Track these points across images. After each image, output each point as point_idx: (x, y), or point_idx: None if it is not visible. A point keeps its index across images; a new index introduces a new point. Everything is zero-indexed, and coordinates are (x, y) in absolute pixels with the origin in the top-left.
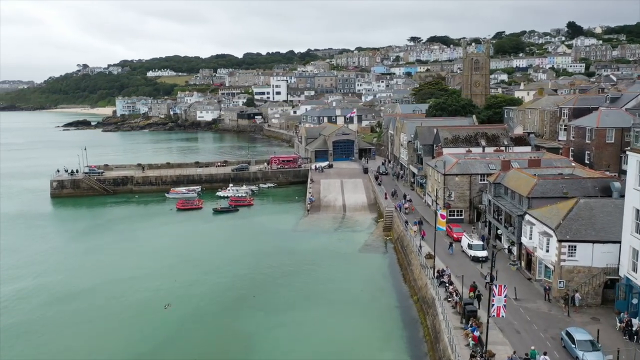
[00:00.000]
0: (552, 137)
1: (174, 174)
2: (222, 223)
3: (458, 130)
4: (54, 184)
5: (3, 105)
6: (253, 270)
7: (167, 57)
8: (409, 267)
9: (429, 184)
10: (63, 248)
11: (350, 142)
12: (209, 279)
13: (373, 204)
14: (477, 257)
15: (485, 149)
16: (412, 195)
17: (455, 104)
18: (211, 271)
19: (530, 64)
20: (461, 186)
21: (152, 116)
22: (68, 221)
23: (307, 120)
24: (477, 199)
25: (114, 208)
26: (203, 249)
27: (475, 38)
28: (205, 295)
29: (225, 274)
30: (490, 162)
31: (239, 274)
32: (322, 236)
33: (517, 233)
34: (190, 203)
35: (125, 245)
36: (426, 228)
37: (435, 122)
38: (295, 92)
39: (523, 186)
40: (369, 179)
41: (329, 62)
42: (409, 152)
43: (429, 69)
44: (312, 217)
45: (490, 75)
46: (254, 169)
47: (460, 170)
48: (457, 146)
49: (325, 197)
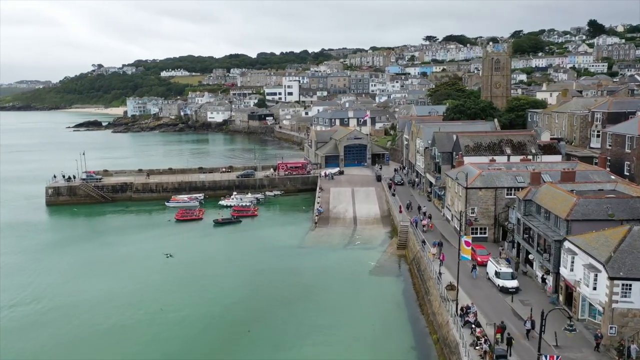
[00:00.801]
0: (582, 144)
1: (175, 180)
2: (222, 237)
3: (480, 136)
4: (50, 191)
5: (19, 105)
6: (251, 296)
7: (181, 57)
8: (427, 296)
9: (448, 196)
10: (45, 264)
11: (362, 147)
12: (200, 306)
13: (386, 216)
14: (506, 288)
15: (510, 157)
16: (429, 206)
17: (475, 106)
18: (204, 297)
19: (550, 63)
20: (485, 201)
21: (162, 117)
22: (59, 233)
23: (319, 122)
24: (502, 216)
25: (109, 218)
26: (198, 269)
27: (492, 37)
28: (194, 326)
29: (219, 299)
30: (518, 174)
31: (235, 300)
32: (330, 254)
33: (553, 261)
34: (190, 213)
35: (113, 262)
36: (446, 250)
37: (454, 127)
38: (308, 92)
39: (560, 206)
40: (382, 187)
41: (342, 62)
42: (425, 160)
43: (445, 69)
44: (319, 231)
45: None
46: (260, 175)
47: (484, 183)
48: (479, 154)
49: (334, 208)
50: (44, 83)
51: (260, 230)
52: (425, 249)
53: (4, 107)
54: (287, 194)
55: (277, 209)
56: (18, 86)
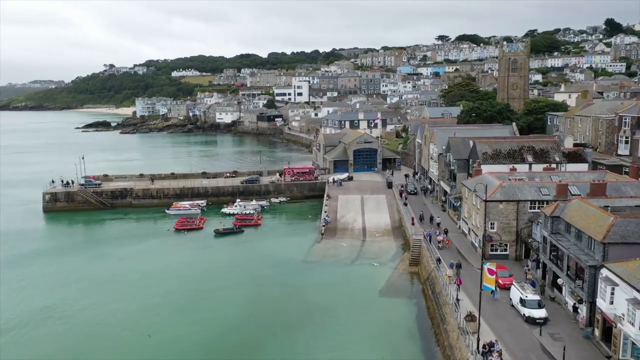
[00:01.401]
0: (608, 151)
1: (177, 186)
2: (222, 249)
3: (499, 143)
4: (47, 196)
5: (32, 104)
6: (249, 319)
7: (192, 57)
8: (443, 324)
9: (465, 207)
10: (30, 279)
11: (372, 151)
12: (192, 332)
13: (398, 227)
14: (533, 319)
15: (532, 166)
16: (443, 217)
17: (491, 109)
18: (197, 319)
19: (566, 63)
20: (506, 215)
21: (171, 117)
22: (51, 242)
23: (328, 124)
24: (525, 232)
25: (106, 227)
26: (193, 287)
27: (506, 36)
28: (183, 356)
29: (213, 323)
30: (542, 185)
31: (231, 323)
32: (337, 270)
33: (587, 289)
34: (191, 222)
35: (102, 277)
36: (464, 268)
37: (470, 132)
38: (318, 93)
39: (594, 225)
40: (393, 195)
41: (353, 62)
42: (439, 166)
43: (458, 69)
44: (326, 243)
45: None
46: (266, 180)
47: (505, 196)
48: (498, 162)
49: (342, 218)
50: (57, 83)
51: (263, 241)
52: (441, 269)
53: (16, 107)
54: (293, 201)
55: (282, 218)
56: (32, 86)
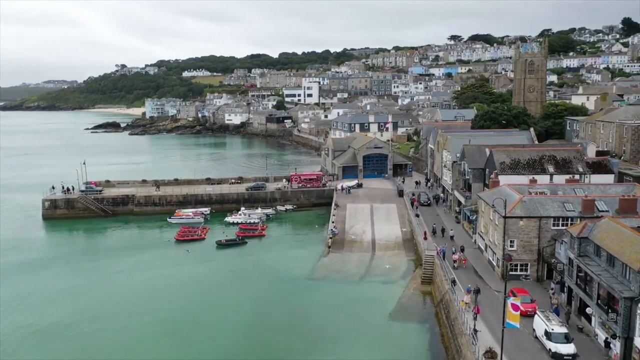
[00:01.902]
0: (634, 160)
1: (180, 192)
2: (223, 263)
3: (517, 152)
4: (46, 203)
5: (44, 105)
6: (247, 347)
7: (203, 57)
8: (459, 357)
9: (481, 221)
10: (18, 292)
11: (383, 157)
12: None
13: (409, 240)
14: (561, 355)
15: (553, 177)
16: (457, 230)
17: (507, 113)
18: (189, 349)
19: (582, 63)
20: (527, 233)
21: (180, 118)
22: (46, 252)
23: (338, 127)
24: (548, 250)
25: (104, 236)
26: (189, 308)
27: (520, 36)
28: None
29: (206, 353)
30: (566, 200)
31: (228, 354)
32: (344, 289)
33: (623, 323)
34: (192, 232)
35: (92, 294)
36: (483, 294)
37: (486, 138)
38: (328, 94)
39: (629, 251)
40: (404, 204)
41: (364, 63)
42: (453, 175)
43: (471, 70)
44: (333, 257)
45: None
46: (272, 187)
47: (526, 212)
48: (517, 173)
49: (351, 229)
50: (69, 83)
51: (267, 254)
52: (456, 291)
53: (29, 107)
54: (300, 209)
55: (288, 227)
56: (46, 86)
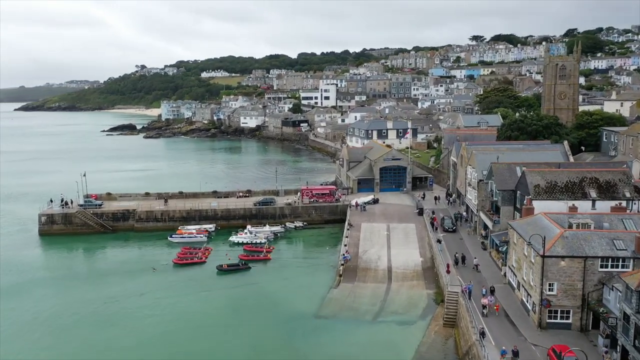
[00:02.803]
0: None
1: (184, 207)
2: (222, 294)
3: (554, 173)
4: (43, 218)
5: (64, 105)
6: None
7: (222, 58)
8: None
9: (513, 255)
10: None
11: (401, 169)
12: None
13: (429, 268)
14: None
15: (595, 203)
16: (483, 258)
17: (537, 122)
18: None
19: (611, 65)
20: (569, 275)
21: (195, 121)
22: (35, 275)
23: (354, 133)
24: (594, 296)
25: (101, 257)
26: (175, 351)
27: (544, 36)
28: None
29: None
30: (616, 236)
31: None
32: (356, 331)
33: None
34: (193, 255)
35: (75, 325)
36: (522, 354)
37: (515, 154)
38: (346, 96)
39: None
40: (424, 224)
41: (383, 64)
42: (479, 195)
43: (494, 71)
44: (344, 289)
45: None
46: (282, 201)
47: (569, 250)
48: (553, 198)
49: (364, 254)
50: (91, 83)
51: (272, 283)
52: (486, 348)
53: (50, 107)
54: (311, 226)
55: (297, 248)
56: (69, 86)
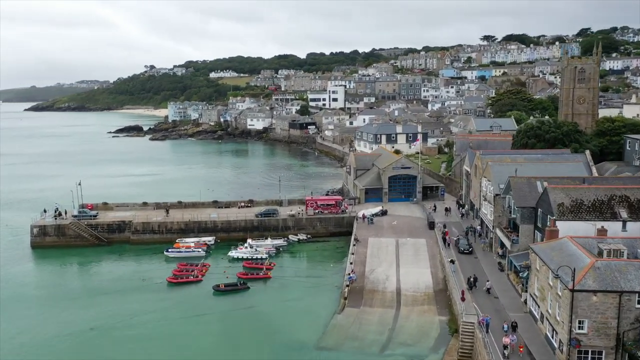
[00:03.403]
0: None
1: (182, 218)
2: (216, 320)
3: (579, 190)
4: (35, 230)
5: (74, 105)
6: None
7: (230, 58)
8: None
9: (536, 282)
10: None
11: (411, 178)
12: None
13: (441, 291)
14: None
15: (626, 224)
16: (501, 281)
17: (555, 130)
18: None
19: (627, 65)
20: (602, 311)
21: (202, 123)
22: (22, 292)
23: (362, 137)
24: (631, 335)
25: (93, 273)
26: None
27: (557, 36)
28: None
29: None
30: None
31: None
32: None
33: None
34: (188, 272)
35: (54, 352)
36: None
37: (535, 166)
38: (354, 98)
39: None
40: (435, 239)
41: (392, 64)
42: (495, 210)
43: (506, 72)
44: (348, 316)
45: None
46: (285, 212)
47: (601, 284)
48: (579, 218)
49: (371, 273)
50: (101, 83)
51: (271, 305)
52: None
53: (60, 108)
54: (315, 239)
55: (300, 264)
56: (79, 86)
